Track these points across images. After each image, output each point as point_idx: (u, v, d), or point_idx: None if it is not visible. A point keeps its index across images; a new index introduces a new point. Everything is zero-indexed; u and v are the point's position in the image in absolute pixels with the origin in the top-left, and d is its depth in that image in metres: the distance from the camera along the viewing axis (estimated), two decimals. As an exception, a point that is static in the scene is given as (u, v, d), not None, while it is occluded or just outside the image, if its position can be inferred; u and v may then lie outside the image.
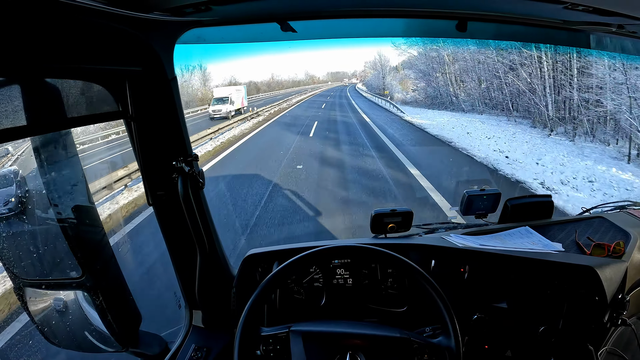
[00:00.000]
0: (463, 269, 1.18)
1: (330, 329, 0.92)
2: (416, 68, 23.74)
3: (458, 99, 19.45)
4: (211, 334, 1.19)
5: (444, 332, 0.88)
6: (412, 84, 25.72)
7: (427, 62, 21.99)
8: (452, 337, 0.86)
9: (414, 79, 24.77)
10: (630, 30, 1.03)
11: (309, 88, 45.26)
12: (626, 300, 1.15)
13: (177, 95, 0.96)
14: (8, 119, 0.61)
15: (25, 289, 0.93)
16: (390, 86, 29.87)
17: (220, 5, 0.79)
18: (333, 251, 0.98)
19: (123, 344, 1.00)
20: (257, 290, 0.91)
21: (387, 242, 1.28)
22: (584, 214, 1.58)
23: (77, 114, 0.76)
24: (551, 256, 1.17)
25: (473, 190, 1.41)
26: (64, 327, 0.99)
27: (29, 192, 0.90)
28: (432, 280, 0.92)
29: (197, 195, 1.04)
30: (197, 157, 1.02)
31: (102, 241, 0.99)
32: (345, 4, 0.98)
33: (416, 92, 24.83)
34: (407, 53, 24.16)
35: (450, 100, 20.17)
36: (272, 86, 43.93)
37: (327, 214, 5.10)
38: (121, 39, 0.80)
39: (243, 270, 1.21)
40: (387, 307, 1.21)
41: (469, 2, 0.96)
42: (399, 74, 29.53)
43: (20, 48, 0.58)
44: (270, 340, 0.89)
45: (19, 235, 0.92)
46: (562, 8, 0.83)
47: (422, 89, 23.59)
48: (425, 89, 23.03)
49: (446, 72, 20.18)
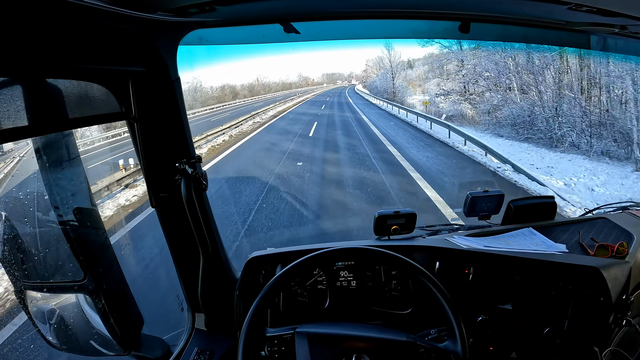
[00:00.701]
0: (467, 271, 1.17)
1: (336, 331, 0.91)
2: (469, 62, 16.10)
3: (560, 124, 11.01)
4: (214, 337, 1.18)
5: (450, 336, 0.88)
6: (439, 86, 18.67)
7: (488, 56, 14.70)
8: (458, 341, 0.85)
9: (447, 78, 17.93)
10: (633, 31, 1.03)
11: (299, 91, 40.14)
12: (630, 300, 1.15)
13: (180, 96, 0.96)
14: (10, 119, 0.60)
15: (27, 292, 0.93)
16: (401, 88, 24.19)
17: (225, 6, 0.79)
18: (337, 253, 0.98)
19: (125, 347, 0.99)
20: (262, 292, 0.90)
21: (391, 244, 1.27)
22: (586, 214, 1.58)
23: (79, 115, 0.75)
24: (555, 257, 1.17)
25: (476, 192, 1.40)
26: (66, 330, 0.98)
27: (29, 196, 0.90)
28: (438, 282, 0.91)
29: (200, 197, 1.03)
30: (200, 159, 1.01)
31: (104, 244, 0.98)
32: (348, 6, 0.97)
33: (449, 97, 17.68)
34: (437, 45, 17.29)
35: (548, 123, 11.46)
36: (257, 90, 38.51)
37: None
38: (125, 39, 0.79)
39: (246, 273, 1.20)
40: (391, 309, 1.20)
41: (471, 3, 0.96)
42: (416, 72, 23.38)
43: (24, 48, 0.57)
44: (276, 341, 0.88)
45: (21, 238, 0.91)
46: (566, 9, 0.83)
47: (460, 94, 16.77)
48: (482, 94, 15.37)
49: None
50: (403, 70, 25.47)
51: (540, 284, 1.14)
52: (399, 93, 24.30)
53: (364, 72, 34.67)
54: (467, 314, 1.13)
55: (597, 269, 1.10)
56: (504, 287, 1.16)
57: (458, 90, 17.65)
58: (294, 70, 45.96)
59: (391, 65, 25.87)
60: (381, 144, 10.27)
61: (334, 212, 5.30)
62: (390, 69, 25.96)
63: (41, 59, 0.61)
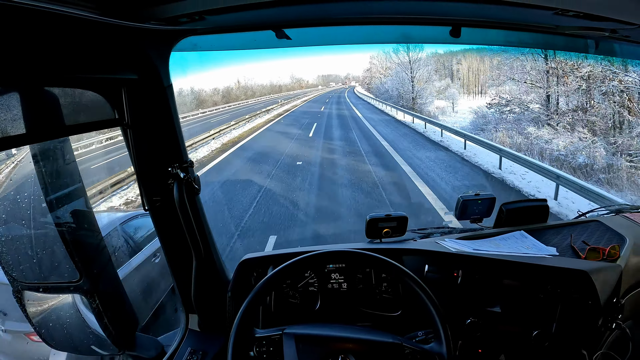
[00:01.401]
0: (456, 274, 1.18)
1: (323, 332, 0.93)
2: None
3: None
4: (207, 337, 1.20)
5: (436, 338, 0.89)
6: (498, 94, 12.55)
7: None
8: (443, 343, 0.87)
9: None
10: (624, 35, 1.03)
11: (285, 97, 31.34)
12: (621, 304, 1.15)
13: (172, 102, 0.98)
14: (6, 127, 0.62)
15: (24, 292, 0.95)
16: (423, 92, 18.12)
17: (214, 15, 0.80)
18: (327, 256, 0.99)
19: (120, 347, 1.01)
20: (252, 292, 0.92)
21: (382, 246, 1.29)
22: (579, 217, 1.58)
23: (74, 122, 0.77)
24: (545, 260, 1.17)
25: (468, 195, 1.41)
26: (62, 329, 1.00)
27: (26, 199, 0.92)
28: (424, 285, 0.93)
29: (193, 200, 1.05)
30: (192, 163, 1.03)
31: (100, 245, 1.01)
32: (340, 12, 0.99)
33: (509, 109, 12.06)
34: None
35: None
36: (235, 95, 29.25)
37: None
38: (118, 48, 0.81)
39: (238, 275, 1.22)
40: (381, 311, 1.22)
41: (462, 9, 0.97)
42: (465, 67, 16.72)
43: (18, 58, 0.59)
44: (264, 341, 0.90)
45: (18, 239, 0.94)
46: (552, 14, 0.84)
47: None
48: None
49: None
50: (424, 67, 18.89)
51: (529, 287, 1.15)
52: (420, 99, 18.46)
53: (367, 72, 27.62)
54: (456, 316, 1.14)
55: (586, 272, 1.11)
56: (493, 290, 1.17)
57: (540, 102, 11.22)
58: (287, 72, 39.83)
59: (410, 61, 19.13)
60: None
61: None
62: (410, 65, 19.24)
63: (37, 69, 0.63)
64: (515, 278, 1.16)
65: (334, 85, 40.14)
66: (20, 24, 0.57)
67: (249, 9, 0.81)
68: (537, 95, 11.76)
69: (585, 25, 0.98)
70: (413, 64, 19.42)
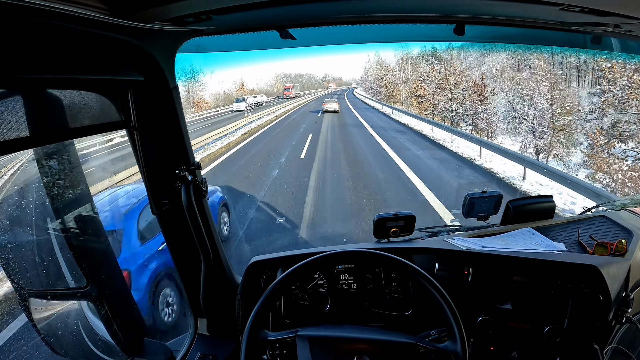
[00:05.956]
0: (467, 271, 1.18)
1: (337, 333, 0.92)
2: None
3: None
4: (216, 341, 1.19)
5: (450, 337, 0.88)
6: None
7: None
8: (458, 341, 0.86)
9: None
10: (627, 30, 1.04)
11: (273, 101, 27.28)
12: (630, 298, 1.15)
13: (178, 104, 0.97)
14: (12, 130, 0.61)
15: (31, 300, 0.94)
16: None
17: (221, 15, 0.80)
18: (337, 257, 0.98)
19: (128, 353, 1.00)
20: (263, 296, 0.91)
21: (390, 246, 1.28)
22: (585, 213, 1.58)
23: (79, 125, 0.76)
24: (554, 256, 1.17)
25: (474, 193, 1.41)
26: (70, 337, 0.99)
27: (31, 205, 0.91)
28: (437, 283, 0.92)
29: (200, 203, 1.04)
30: (199, 166, 1.02)
31: (106, 251, 0.99)
32: (344, 11, 0.98)
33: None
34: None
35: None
36: (216, 103, 26.81)
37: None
38: (123, 49, 0.80)
39: (247, 278, 1.21)
40: (392, 311, 1.21)
41: (465, 6, 0.97)
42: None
43: (24, 59, 0.58)
44: (277, 344, 0.89)
45: (23, 246, 0.93)
46: (558, 10, 0.84)
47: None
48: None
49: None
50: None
51: (539, 283, 1.14)
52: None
53: (366, 74, 28.20)
54: (468, 314, 1.13)
55: (596, 267, 1.11)
56: (503, 287, 1.17)
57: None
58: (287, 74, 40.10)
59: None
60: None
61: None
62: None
63: (42, 70, 0.63)
64: (525, 274, 1.15)
65: (327, 85, 39.52)
66: (26, 25, 0.56)
67: (255, 7, 0.80)
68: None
69: (589, 21, 0.98)
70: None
